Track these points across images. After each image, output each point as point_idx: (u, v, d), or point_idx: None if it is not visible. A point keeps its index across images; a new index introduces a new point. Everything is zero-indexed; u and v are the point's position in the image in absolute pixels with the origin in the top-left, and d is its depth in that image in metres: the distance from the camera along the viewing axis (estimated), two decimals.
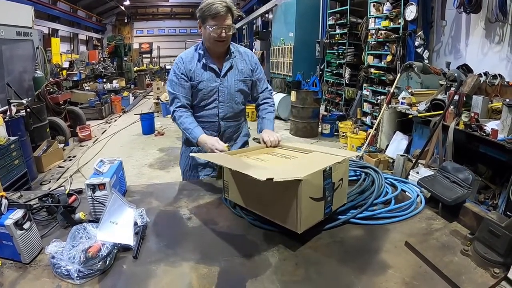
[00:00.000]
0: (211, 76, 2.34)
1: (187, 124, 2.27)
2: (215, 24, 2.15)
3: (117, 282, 1.30)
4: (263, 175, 1.27)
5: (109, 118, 11.30)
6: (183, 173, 2.64)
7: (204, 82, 2.33)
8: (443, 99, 4.93)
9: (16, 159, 4.99)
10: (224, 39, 2.22)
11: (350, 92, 8.99)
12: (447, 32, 6.45)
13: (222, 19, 2.15)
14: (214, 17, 2.13)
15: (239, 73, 2.40)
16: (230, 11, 2.17)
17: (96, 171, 1.78)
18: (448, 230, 1.55)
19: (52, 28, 19.28)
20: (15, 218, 1.37)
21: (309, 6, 10.95)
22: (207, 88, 2.34)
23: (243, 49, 2.50)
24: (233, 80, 2.38)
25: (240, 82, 2.41)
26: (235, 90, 2.40)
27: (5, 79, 7.00)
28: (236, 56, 2.41)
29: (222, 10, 2.11)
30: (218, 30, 2.17)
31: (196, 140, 2.18)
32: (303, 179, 1.38)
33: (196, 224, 1.70)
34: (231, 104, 2.42)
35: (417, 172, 4.22)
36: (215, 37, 2.19)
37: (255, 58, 2.53)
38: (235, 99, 2.42)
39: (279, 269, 1.33)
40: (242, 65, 2.42)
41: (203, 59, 2.33)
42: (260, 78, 2.54)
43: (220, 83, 2.35)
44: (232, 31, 2.24)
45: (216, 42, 2.23)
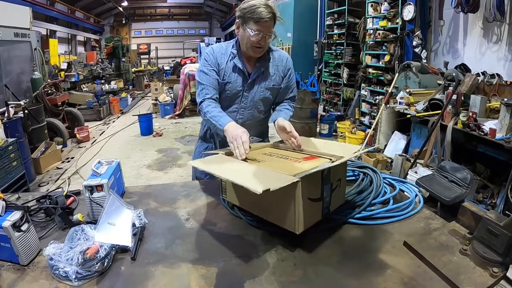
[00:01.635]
0: (239, 79, 2.20)
1: (215, 112, 2.07)
2: (257, 29, 2.00)
3: (115, 283, 1.30)
4: (259, 186, 1.25)
5: (107, 119, 11.26)
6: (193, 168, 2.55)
7: (231, 84, 2.21)
8: (441, 98, 4.94)
9: (14, 160, 4.97)
10: (263, 46, 2.08)
11: (348, 92, 9.00)
12: (445, 32, 6.47)
13: (265, 26, 2.00)
14: (257, 21, 1.98)
15: (268, 80, 2.25)
16: (274, 18, 2.05)
17: (94, 172, 1.77)
18: (446, 230, 1.55)
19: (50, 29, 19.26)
20: (13, 220, 1.36)
21: (307, 6, 10.94)
22: (232, 91, 2.22)
23: (278, 53, 2.32)
24: (260, 88, 2.24)
25: (266, 90, 2.26)
26: (259, 98, 2.26)
27: (2, 80, 6.99)
28: (269, 60, 2.25)
29: (267, 16, 1.97)
30: (258, 36, 2.02)
31: (223, 127, 1.96)
32: (301, 180, 1.37)
33: (194, 225, 1.70)
34: (253, 111, 2.29)
35: (416, 172, 4.23)
36: (253, 42, 2.04)
37: (290, 64, 2.35)
38: (257, 106, 2.29)
39: (278, 269, 1.33)
40: (273, 71, 2.26)
41: (234, 59, 2.19)
42: (290, 85, 2.37)
43: (246, 88, 2.22)
44: (272, 39, 2.11)
45: (253, 48, 2.08)
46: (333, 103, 10.05)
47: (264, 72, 2.23)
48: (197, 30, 31.39)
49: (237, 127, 1.90)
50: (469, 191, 1.66)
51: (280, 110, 2.29)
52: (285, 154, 1.87)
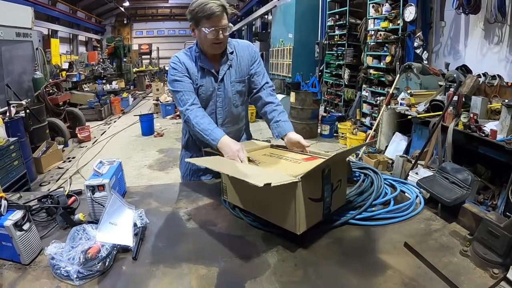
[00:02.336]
0: (209, 80, 2.18)
1: (205, 124, 2.02)
2: (210, 26, 1.97)
3: (116, 283, 1.30)
4: (260, 181, 1.26)
5: (108, 119, 11.30)
6: (182, 177, 2.52)
7: (204, 86, 2.17)
8: (442, 100, 4.94)
9: (16, 160, 4.99)
10: (222, 40, 2.04)
11: (349, 93, 8.99)
12: (446, 33, 6.46)
13: (218, 20, 1.96)
14: (209, 18, 1.95)
15: (235, 73, 2.22)
16: (225, 10, 1.99)
17: (95, 172, 1.77)
18: (447, 231, 1.55)
19: (52, 29, 19.28)
20: (15, 219, 1.37)
21: (308, 7, 10.93)
22: (206, 93, 2.19)
23: (239, 43, 2.28)
24: (230, 83, 2.21)
25: (237, 84, 2.23)
26: (233, 93, 2.23)
27: (4, 80, 6.99)
28: (233, 54, 2.21)
29: (217, 10, 1.93)
30: (214, 32, 1.98)
31: (217, 142, 1.93)
32: (301, 180, 1.38)
33: (195, 225, 1.70)
34: (230, 108, 2.25)
35: (417, 173, 4.22)
36: (211, 39, 2.01)
37: (253, 50, 2.30)
38: (233, 102, 2.25)
39: (278, 270, 1.33)
40: (238, 62, 2.22)
41: (199, 62, 2.16)
42: (258, 71, 2.28)
43: (218, 87, 2.19)
44: (229, 32, 2.06)
45: (212, 45, 2.06)
46: (334, 104, 10.03)
47: (231, 66, 2.21)
48: None
49: (232, 144, 1.88)
50: (470, 192, 1.65)
51: (277, 120, 2.17)
52: (285, 155, 1.88)
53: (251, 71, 2.27)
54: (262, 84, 2.28)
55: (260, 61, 2.32)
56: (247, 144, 2.17)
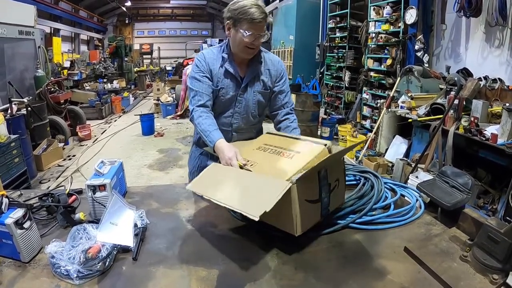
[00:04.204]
0: (232, 84, 2.17)
1: (206, 125, 2.03)
2: (250, 30, 1.97)
3: (116, 283, 1.31)
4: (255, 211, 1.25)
5: (109, 118, 11.31)
6: (190, 173, 2.52)
7: (224, 89, 2.17)
8: (443, 103, 4.94)
9: (16, 157, 5.00)
10: (256, 46, 2.07)
11: (350, 95, 8.98)
12: (447, 36, 6.47)
13: (259, 27, 1.99)
14: (251, 22, 1.95)
15: (260, 84, 2.22)
16: (266, 18, 2.01)
17: (96, 172, 1.78)
18: (447, 236, 1.55)
19: (54, 28, 19.29)
20: (16, 217, 1.38)
21: (310, 9, 10.93)
22: (225, 96, 2.18)
23: (270, 56, 2.30)
24: (253, 92, 2.21)
25: (259, 94, 2.23)
26: (253, 102, 2.23)
27: (6, 77, 7.01)
28: (261, 64, 2.22)
29: (260, 17, 1.95)
30: (252, 37, 1.99)
31: (213, 145, 1.93)
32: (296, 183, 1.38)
33: (196, 226, 1.70)
34: (247, 116, 2.26)
35: (417, 177, 4.22)
36: (247, 43, 2.01)
37: (283, 67, 2.32)
38: (251, 111, 2.25)
39: (278, 273, 1.34)
40: (265, 75, 2.23)
41: (225, 64, 2.15)
42: (282, 90, 2.29)
43: (239, 93, 2.19)
44: (265, 39, 2.10)
45: (246, 49, 2.06)
46: (334, 106, 10.02)
47: (257, 75, 2.21)
48: (200, 31, 31.34)
49: (226, 149, 1.85)
50: (470, 196, 1.66)
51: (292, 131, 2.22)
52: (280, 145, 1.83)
53: (276, 87, 2.28)
54: (284, 103, 2.31)
55: (286, 79, 2.34)
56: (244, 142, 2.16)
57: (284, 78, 2.31)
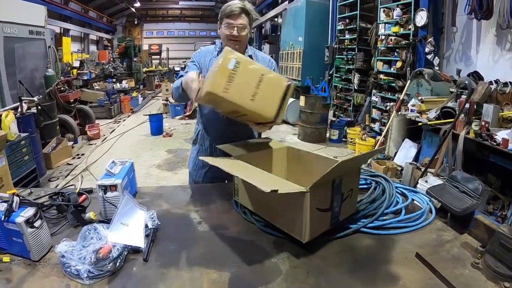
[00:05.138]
0: None
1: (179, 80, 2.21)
2: (227, 23, 2.23)
3: (126, 284, 1.30)
4: (268, 186, 1.26)
5: (118, 118, 11.39)
6: (190, 173, 2.67)
7: None
8: (453, 106, 4.90)
9: (26, 155, 5.05)
10: (237, 38, 2.25)
11: (359, 98, 8.95)
12: (457, 39, 6.42)
13: (235, 17, 2.21)
14: (228, 16, 2.22)
15: None
16: (245, 12, 2.23)
17: (107, 172, 1.78)
18: (458, 242, 1.53)
19: (64, 28, 19.50)
20: (27, 216, 1.38)
21: (319, 10, 10.93)
22: None
23: (261, 54, 2.52)
24: None
25: None
26: None
27: (17, 76, 7.08)
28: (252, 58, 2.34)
29: (236, 10, 2.19)
30: (230, 28, 2.22)
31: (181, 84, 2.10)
32: (309, 191, 1.37)
33: (207, 228, 1.70)
34: None
35: (426, 181, 4.19)
36: (228, 35, 2.24)
37: (274, 66, 2.48)
38: None
39: (290, 276, 1.32)
40: None
41: (215, 57, 2.36)
42: None
43: None
44: (246, 32, 2.27)
45: (229, 41, 2.26)
46: (343, 108, 10.00)
47: None
48: (208, 32, 31.41)
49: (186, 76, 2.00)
50: (480, 202, 1.63)
51: None
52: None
53: None
54: None
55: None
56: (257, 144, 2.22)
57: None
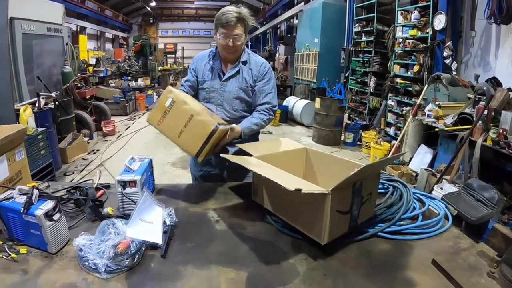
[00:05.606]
0: (215, 78, 2.43)
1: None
2: (223, 33, 2.24)
3: (144, 279, 1.31)
4: (291, 185, 1.26)
5: (132, 115, 11.51)
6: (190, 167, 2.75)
7: (208, 82, 2.44)
8: (471, 113, 4.82)
9: (43, 149, 5.13)
10: (231, 48, 2.29)
11: (375, 101, 8.87)
12: (476, 43, 6.28)
13: (231, 29, 2.22)
14: (223, 26, 2.22)
15: (242, 81, 2.42)
16: (241, 21, 2.24)
17: (126, 167, 1.79)
18: (475, 251, 1.52)
19: (80, 26, 19.79)
20: (46, 209, 1.40)
21: (335, 12, 10.86)
22: (209, 88, 2.44)
23: (255, 58, 2.51)
24: (234, 87, 2.41)
25: (240, 90, 2.42)
26: (234, 97, 2.42)
27: (34, 72, 7.22)
28: (245, 64, 2.44)
29: (231, 20, 2.19)
30: (226, 39, 2.25)
31: None
32: (331, 193, 1.37)
33: (224, 227, 1.70)
34: (229, 109, 2.44)
35: (441, 188, 4.13)
36: (223, 44, 2.28)
37: (266, 69, 2.47)
38: (233, 105, 2.43)
39: (307, 278, 1.32)
40: (247, 74, 2.43)
41: (211, 61, 2.45)
42: (262, 89, 2.44)
43: (220, 86, 2.42)
44: (241, 41, 2.30)
45: (225, 49, 2.32)
46: (358, 111, 9.91)
47: (238, 72, 2.42)
48: None
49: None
50: (495, 211, 1.62)
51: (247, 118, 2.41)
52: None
53: (256, 86, 2.45)
54: (263, 102, 2.46)
55: (269, 80, 2.48)
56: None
57: (265, 79, 2.46)
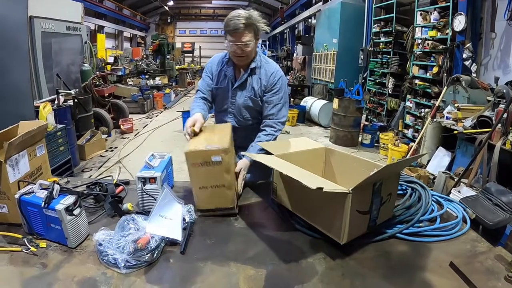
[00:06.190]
0: (227, 85, 2.37)
1: (193, 105, 2.29)
2: (231, 40, 2.13)
3: (163, 275, 1.33)
4: (313, 184, 1.27)
5: (150, 113, 11.60)
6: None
7: (221, 89, 2.39)
8: (490, 116, 4.74)
9: (62, 145, 5.24)
10: (241, 54, 2.18)
11: (393, 102, 8.76)
12: (496, 45, 6.15)
13: (239, 36, 2.10)
14: (231, 33, 2.10)
15: (249, 90, 2.34)
16: (250, 26, 2.10)
17: (147, 164, 1.82)
18: (492, 254, 1.50)
19: (98, 25, 20.07)
20: (67, 204, 1.42)
21: (354, 12, 10.79)
22: (222, 95, 2.41)
23: (267, 66, 2.35)
24: (243, 96, 2.35)
25: (248, 99, 2.34)
26: (243, 106, 2.36)
27: (53, 70, 7.38)
28: (256, 73, 2.32)
29: (239, 27, 2.06)
30: (234, 46, 2.14)
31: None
32: (351, 192, 1.37)
33: (243, 225, 1.72)
34: (239, 117, 2.41)
35: (459, 191, 4.07)
36: (232, 52, 2.20)
37: (276, 79, 2.32)
38: (242, 113, 2.40)
39: (326, 277, 1.33)
40: (256, 83, 2.32)
41: (224, 67, 2.36)
42: (270, 100, 2.32)
43: (231, 94, 2.38)
44: (251, 47, 2.17)
45: (234, 56, 2.23)
46: (376, 113, 9.81)
47: (246, 81, 2.33)
48: None
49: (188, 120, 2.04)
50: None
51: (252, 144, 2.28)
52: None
53: (264, 97, 2.34)
54: (270, 113, 2.33)
55: (278, 91, 2.33)
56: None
57: (274, 90, 2.32)
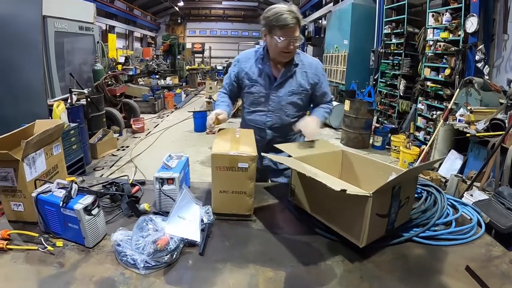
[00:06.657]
0: (265, 82, 2.29)
1: (219, 101, 2.35)
2: (283, 36, 2.06)
3: (182, 276, 1.34)
4: (337, 186, 1.28)
5: (161, 113, 11.69)
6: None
7: (257, 87, 2.30)
8: (503, 119, 4.70)
9: (74, 144, 5.30)
10: (291, 50, 2.14)
11: (404, 104, 8.69)
12: (509, 47, 6.07)
13: (291, 31, 2.06)
14: (282, 28, 2.05)
15: (296, 85, 2.28)
16: (299, 22, 2.07)
17: (164, 165, 1.82)
18: (507, 259, 1.50)
19: (109, 25, 20.24)
20: (85, 204, 1.44)
21: (364, 13, 10.70)
22: (258, 93, 2.31)
23: (307, 59, 2.35)
24: (287, 92, 2.28)
25: (294, 95, 2.29)
26: (287, 102, 2.29)
27: (65, 69, 7.48)
28: (298, 67, 2.29)
29: (291, 22, 2.02)
30: (286, 42, 2.08)
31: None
32: (372, 196, 1.38)
33: (261, 227, 1.72)
34: (280, 115, 2.33)
35: (471, 195, 4.04)
36: (281, 48, 2.11)
37: (320, 70, 2.37)
38: (285, 111, 2.32)
39: (344, 280, 1.33)
40: (301, 77, 2.29)
41: (260, 64, 2.29)
42: (323, 93, 2.39)
43: (271, 91, 2.29)
44: (299, 43, 2.14)
45: (281, 53, 2.16)
46: (387, 115, 9.74)
47: (291, 76, 2.29)
48: (251, 32, 31.63)
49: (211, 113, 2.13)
50: None
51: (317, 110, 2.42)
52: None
53: (316, 91, 2.37)
54: (326, 101, 2.46)
55: (324, 82, 2.41)
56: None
57: (322, 81, 2.38)
